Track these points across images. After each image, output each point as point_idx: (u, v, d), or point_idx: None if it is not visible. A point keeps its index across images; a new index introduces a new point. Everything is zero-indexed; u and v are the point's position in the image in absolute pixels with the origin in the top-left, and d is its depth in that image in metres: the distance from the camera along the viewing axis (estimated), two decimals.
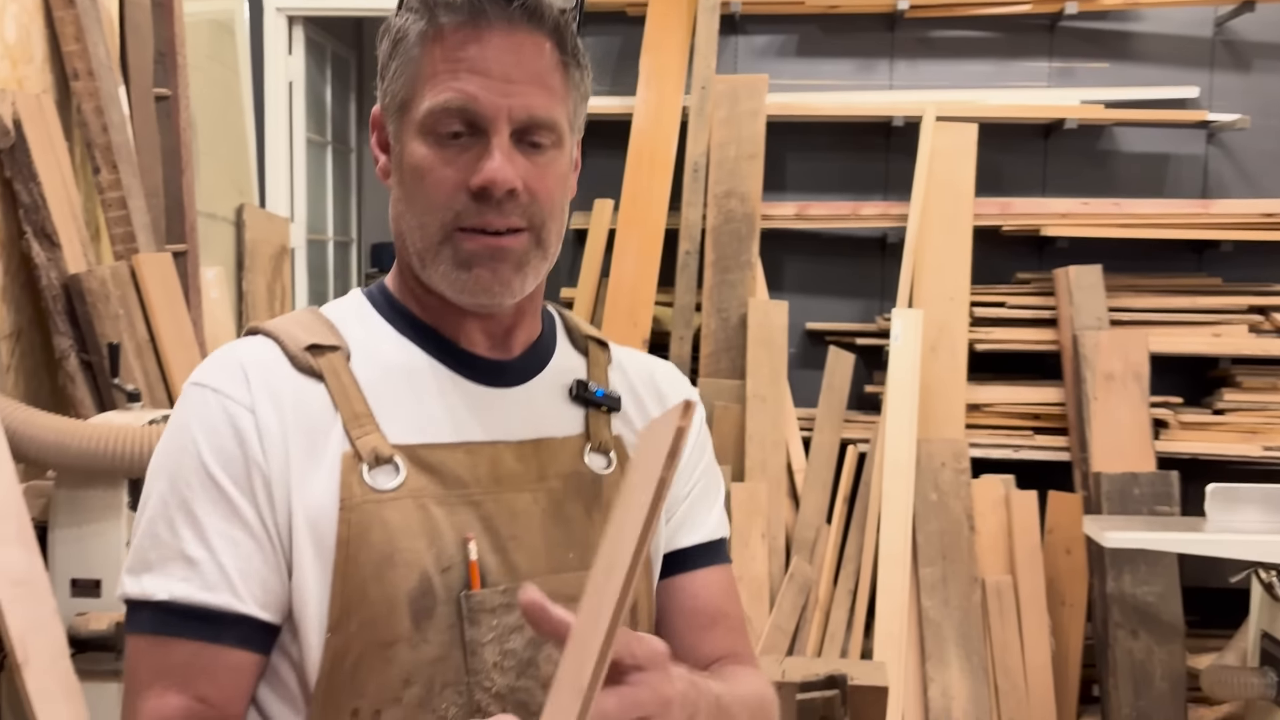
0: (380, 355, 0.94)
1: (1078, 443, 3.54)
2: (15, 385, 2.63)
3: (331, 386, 0.89)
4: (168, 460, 0.88)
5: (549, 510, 0.95)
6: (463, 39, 0.88)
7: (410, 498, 0.88)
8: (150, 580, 0.84)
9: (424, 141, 0.89)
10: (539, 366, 1.00)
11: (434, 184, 0.89)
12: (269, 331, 0.93)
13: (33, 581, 1.87)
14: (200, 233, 3.41)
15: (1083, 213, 3.70)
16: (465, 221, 0.89)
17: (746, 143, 3.67)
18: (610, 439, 1.00)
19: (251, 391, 0.88)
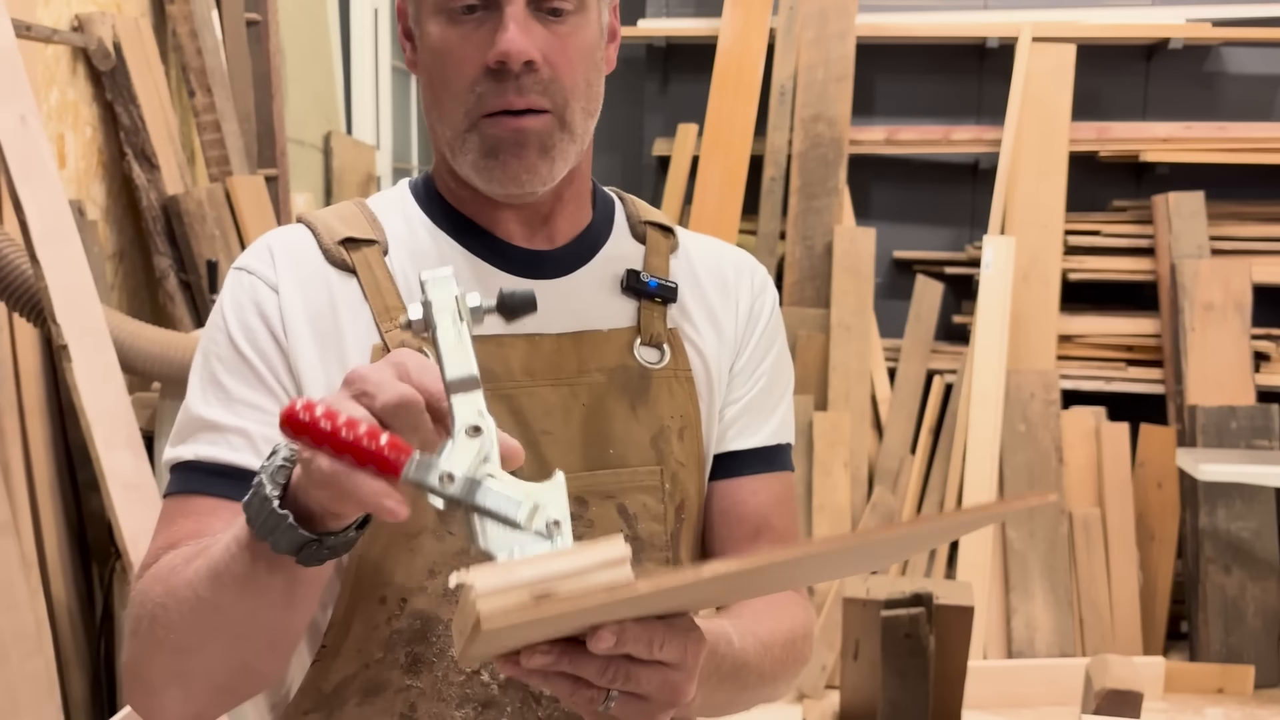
0: (416, 248, 0.92)
1: (1173, 375, 3.46)
2: (119, 304, 2.71)
3: (364, 280, 0.89)
4: (204, 339, 0.90)
5: (589, 405, 0.91)
6: None
7: None
8: (183, 447, 0.87)
9: (439, 20, 0.86)
10: (586, 257, 0.95)
11: (454, 65, 0.86)
12: (309, 222, 0.93)
13: (142, 486, 1.94)
14: (289, 158, 3.46)
15: (1185, 137, 3.56)
16: (488, 105, 0.85)
17: (835, 65, 3.59)
18: (664, 331, 0.95)
19: (277, 273, 0.89)
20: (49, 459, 2.25)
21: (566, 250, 0.95)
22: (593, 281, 0.95)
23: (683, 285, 0.97)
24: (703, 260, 1.00)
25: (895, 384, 3.60)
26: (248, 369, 0.86)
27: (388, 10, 4.47)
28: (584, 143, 0.90)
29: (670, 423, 0.94)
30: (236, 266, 0.91)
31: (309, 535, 0.69)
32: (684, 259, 1.00)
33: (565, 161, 0.89)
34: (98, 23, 2.58)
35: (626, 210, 1.01)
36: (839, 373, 3.51)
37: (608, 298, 0.95)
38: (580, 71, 0.87)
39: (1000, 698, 3.09)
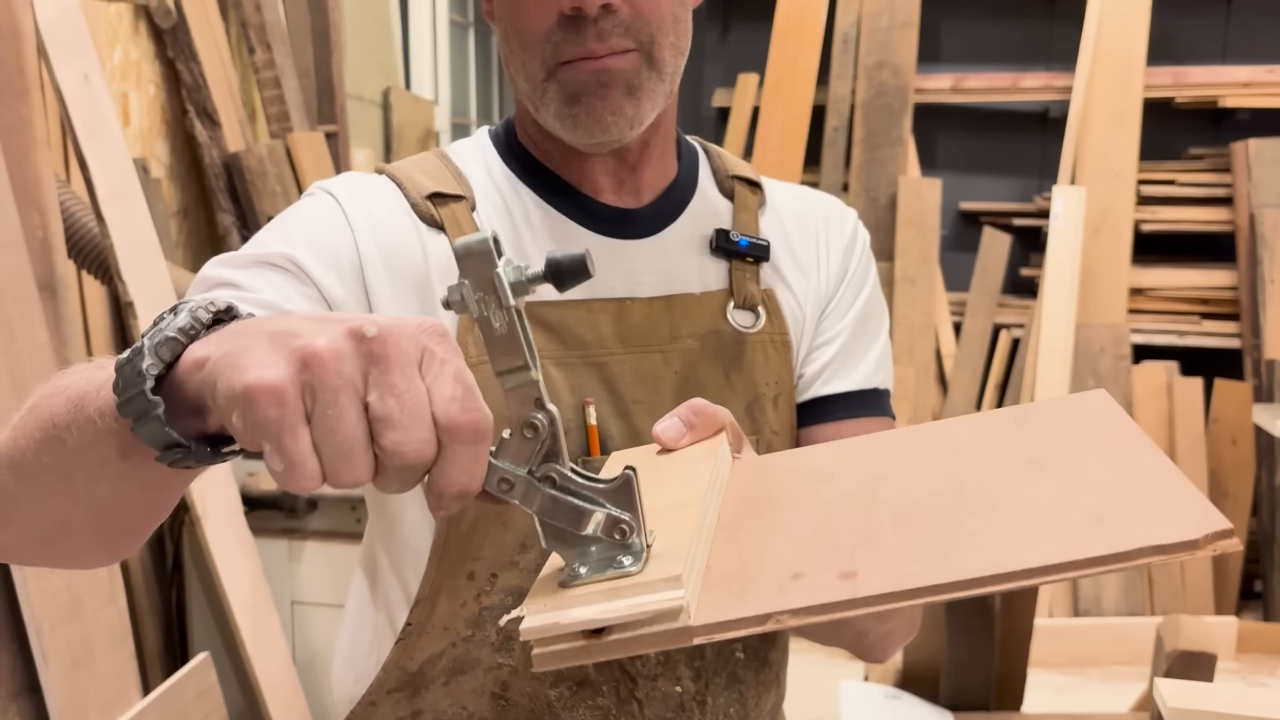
0: (504, 205, 0.87)
1: (1250, 329, 3.35)
2: (183, 261, 2.74)
3: (452, 237, 0.83)
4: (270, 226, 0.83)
5: (682, 372, 0.87)
6: None
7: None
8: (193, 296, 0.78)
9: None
10: (673, 214, 0.90)
11: (526, 15, 0.81)
12: (393, 174, 0.87)
13: None
14: (349, 115, 3.47)
15: (1268, 81, 3.42)
16: (565, 54, 0.80)
17: (900, 11, 3.50)
18: (758, 293, 0.90)
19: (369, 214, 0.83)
20: None
21: (654, 207, 0.90)
22: (681, 240, 0.90)
23: (774, 241, 0.93)
24: (790, 211, 0.96)
25: (960, 339, 3.53)
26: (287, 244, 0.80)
27: None
28: (674, 83, 0.85)
29: (765, 390, 0.90)
30: (323, 188, 0.85)
31: (178, 438, 0.53)
32: (771, 213, 0.95)
33: (654, 103, 0.83)
34: None
35: (712, 164, 0.96)
36: (903, 327, 3.45)
37: (698, 258, 0.90)
38: (665, 5, 0.82)
39: (1066, 655, 3.05)
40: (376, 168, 0.89)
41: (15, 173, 1.77)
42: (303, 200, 0.85)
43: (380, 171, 0.88)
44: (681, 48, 0.85)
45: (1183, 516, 0.50)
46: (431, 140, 4.36)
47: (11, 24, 1.82)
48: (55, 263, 1.82)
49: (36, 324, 1.71)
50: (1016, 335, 3.50)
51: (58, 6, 1.91)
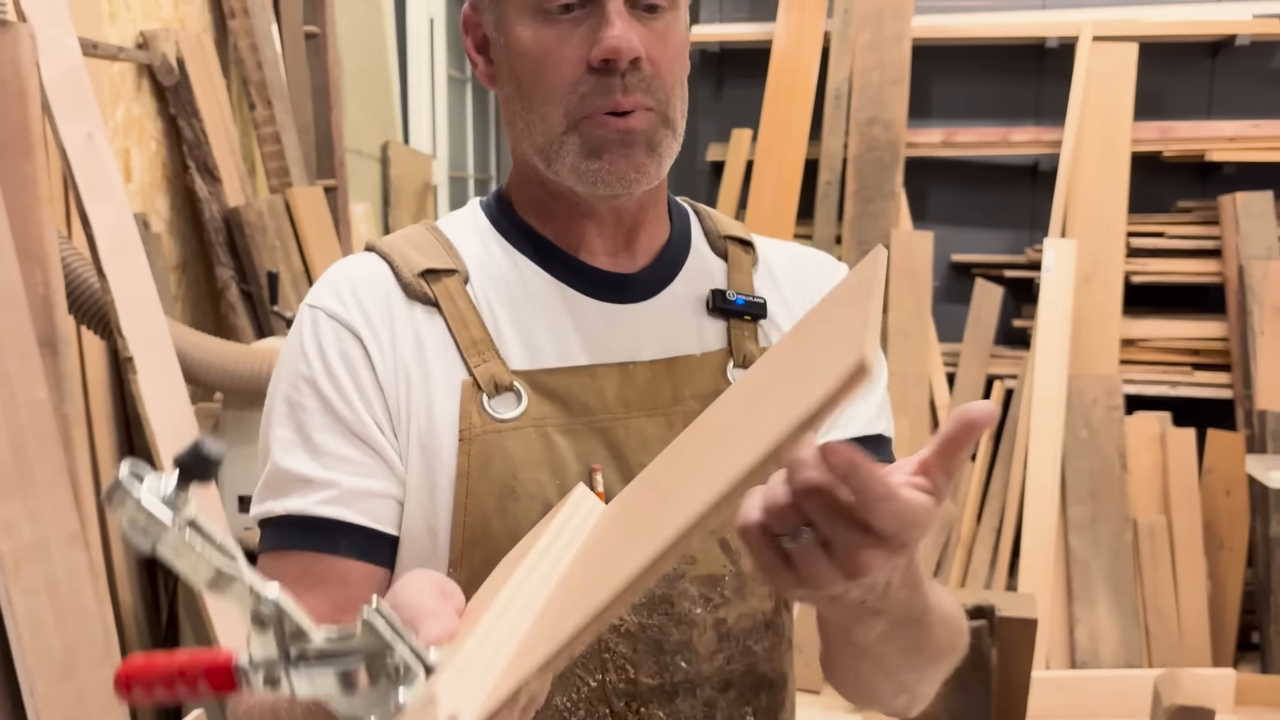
0: (498, 274, 0.88)
1: (1241, 379, 3.37)
2: (182, 314, 2.76)
3: (447, 313, 0.85)
4: (283, 385, 0.85)
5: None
6: None
7: (532, 426, 0.83)
8: (273, 503, 0.84)
9: (533, 21, 0.82)
10: (669, 276, 0.91)
11: (553, 66, 0.81)
12: (384, 252, 0.88)
13: (204, 495, 1.97)
14: (348, 169, 3.51)
15: (1253, 135, 3.48)
16: (591, 105, 0.81)
17: (891, 67, 3.56)
18: (756, 351, 0.91)
19: (364, 314, 0.84)
20: (115, 467, 2.29)
21: (650, 270, 0.91)
22: (679, 302, 0.91)
23: (769, 298, 0.93)
24: (783, 268, 0.97)
25: (954, 389, 3.55)
26: (335, 420, 0.83)
27: (444, 20, 4.51)
28: (680, 142, 0.87)
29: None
30: (313, 305, 0.86)
31: None
32: (765, 271, 0.96)
33: (669, 158, 0.86)
34: (162, 39, 2.63)
35: (704, 224, 0.97)
36: (897, 378, 3.47)
37: (696, 319, 0.91)
38: (678, 69, 0.85)
39: (1064, 709, 3.03)
40: (367, 244, 0.90)
41: (18, 230, 1.79)
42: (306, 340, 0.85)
43: (371, 248, 0.89)
44: (685, 110, 0.87)
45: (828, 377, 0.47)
46: (430, 193, 4.40)
47: (17, 83, 1.85)
48: (56, 319, 1.84)
49: (36, 380, 1.72)
50: (1010, 386, 3.52)
51: (63, 66, 1.94)
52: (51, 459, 1.72)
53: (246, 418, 2.22)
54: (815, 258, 0.99)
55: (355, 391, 0.83)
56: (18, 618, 1.57)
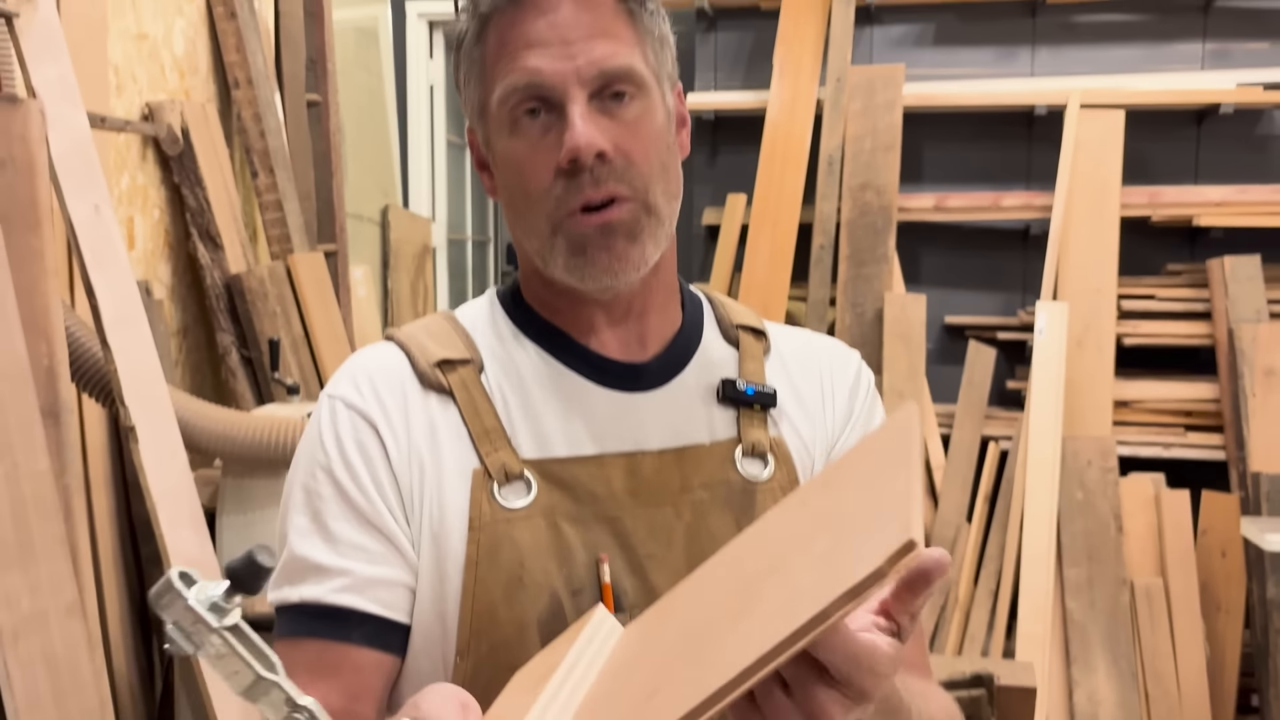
0: (512, 365, 0.90)
1: (1234, 441, 3.39)
2: (182, 380, 2.78)
3: (461, 403, 0.87)
4: (301, 473, 0.88)
5: (693, 525, 0.87)
6: (512, 17, 0.84)
7: (541, 516, 0.85)
8: (288, 589, 0.85)
9: (509, 134, 0.85)
10: (680, 365, 0.92)
11: (529, 174, 0.84)
12: (401, 342, 0.91)
13: (204, 563, 1.98)
14: (348, 233, 3.55)
15: (1239, 200, 3.53)
16: (567, 205, 0.83)
17: (883, 134, 3.62)
18: (767, 440, 0.91)
19: (380, 404, 0.87)
20: (113, 535, 2.30)
21: (661, 359, 0.92)
22: (689, 391, 0.92)
23: (780, 387, 0.94)
24: (795, 357, 0.98)
25: (949, 451, 3.57)
26: (350, 509, 0.85)
27: (443, 87, 4.59)
28: (670, 226, 0.88)
29: None
30: (331, 395, 0.89)
31: None
32: (777, 359, 0.97)
33: (655, 245, 0.87)
34: (167, 110, 2.68)
35: (717, 313, 0.98)
36: None
37: (706, 408, 0.92)
38: (654, 154, 0.86)
39: None
40: (386, 334, 0.93)
41: (24, 302, 1.82)
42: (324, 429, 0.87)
43: (390, 338, 0.92)
44: (674, 193, 0.88)
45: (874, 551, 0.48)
46: (429, 256, 4.45)
47: (26, 158, 1.89)
48: (59, 389, 1.86)
49: (39, 450, 1.74)
50: (1005, 447, 3.54)
51: (71, 140, 1.98)
52: (51, 529, 1.73)
53: (246, 485, 2.23)
54: (827, 344, 1.00)
55: (370, 480, 0.85)
56: (15, 691, 1.57)
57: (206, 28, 2.95)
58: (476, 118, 0.89)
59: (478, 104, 0.88)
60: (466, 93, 0.89)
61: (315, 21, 3.37)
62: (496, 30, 0.85)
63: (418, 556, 0.85)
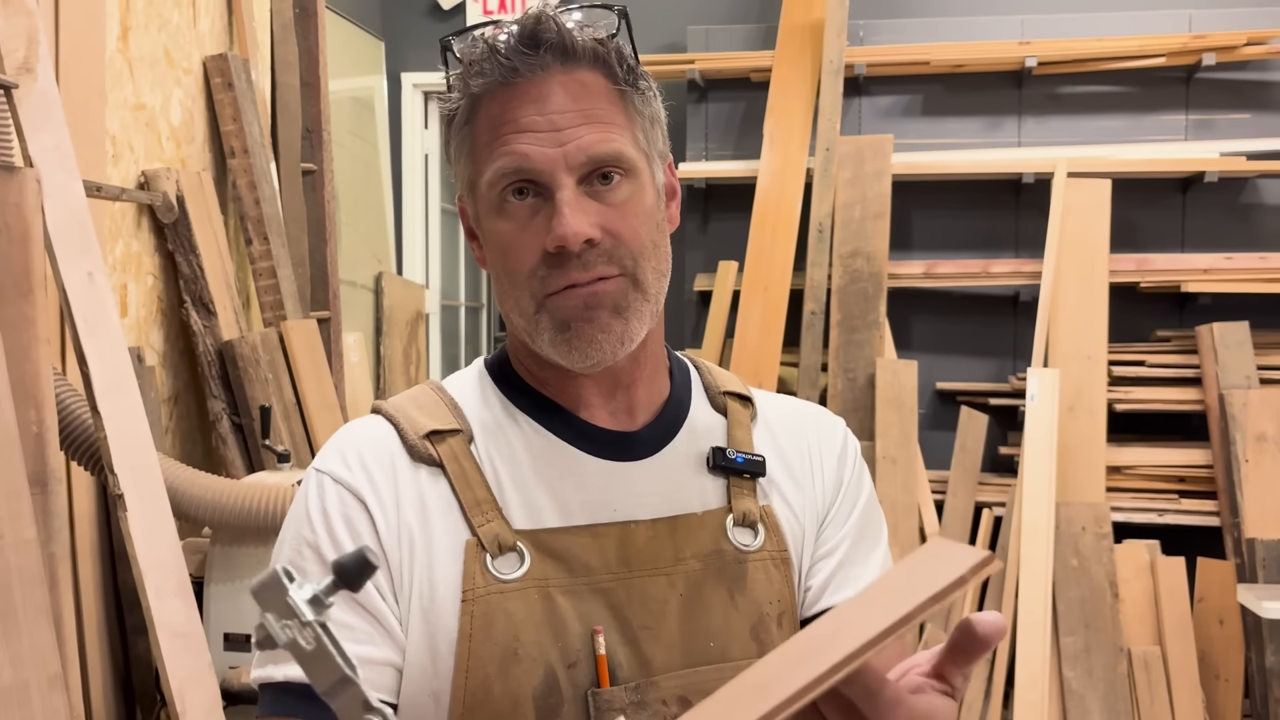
0: (502, 435, 0.89)
1: (1228, 507, 3.39)
2: (172, 446, 2.77)
3: (451, 474, 0.86)
4: (287, 548, 0.86)
5: (687, 595, 0.87)
6: (503, 100, 0.84)
7: (535, 587, 0.84)
8: (272, 667, 0.83)
9: (498, 215, 0.85)
10: (670, 433, 0.92)
11: (516, 254, 0.84)
12: (389, 414, 0.90)
13: (191, 634, 1.96)
14: (341, 299, 3.56)
15: (1226, 268, 3.57)
16: (552, 285, 0.83)
17: (872, 202, 3.66)
18: (756, 509, 0.91)
19: (369, 478, 0.85)
20: (99, 604, 2.27)
21: (651, 428, 0.92)
22: (680, 460, 0.91)
23: (768, 455, 0.94)
24: (782, 424, 0.98)
25: (943, 518, 3.56)
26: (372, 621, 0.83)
27: (437, 155, 4.64)
28: (658, 302, 0.88)
29: (769, 609, 0.90)
30: (320, 470, 0.88)
31: None
32: (764, 426, 0.97)
33: (641, 321, 0.86)
34: (163, 178, 2.70)
35: (703, 379, 0.98)
36: (886, 506, 3.47)
37: (696, 476, 0.91)
38: (644, 233, 0.86)
39: None
40: (374, 406, 0.92)
41: (15, 369, 1.81)
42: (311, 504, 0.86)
43: (378, 411, 0.91)
44: (663, 270, 0.88)
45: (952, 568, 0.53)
46: (421, 322, 4.46)
47: (21, 226, 1.89)
48: (48, 457, 1.85)
49: (25, 520, 1.72)
50: (998, 513, 3.53)
51: (67, 209, 1.99)
52: (36, 599, 1.70)
53: (235, 553, 2.21)
54: (813, 411, 1.01)
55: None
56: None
57: (204, 98, 2.98)
58: (467, 192, 0.90)
59: (467, 180, 0.89)
60: (457, 168, 0.90)
61: (311, 91, 3.42)
62: (487, 112, 0.85)
63: (406, 634, 0.84)
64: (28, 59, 1.96)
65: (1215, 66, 3.61)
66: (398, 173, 4.44)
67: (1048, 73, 3.75)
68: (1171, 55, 3.63)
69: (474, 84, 0.85)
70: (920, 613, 0.54)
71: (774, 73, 3.79)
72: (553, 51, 0.83)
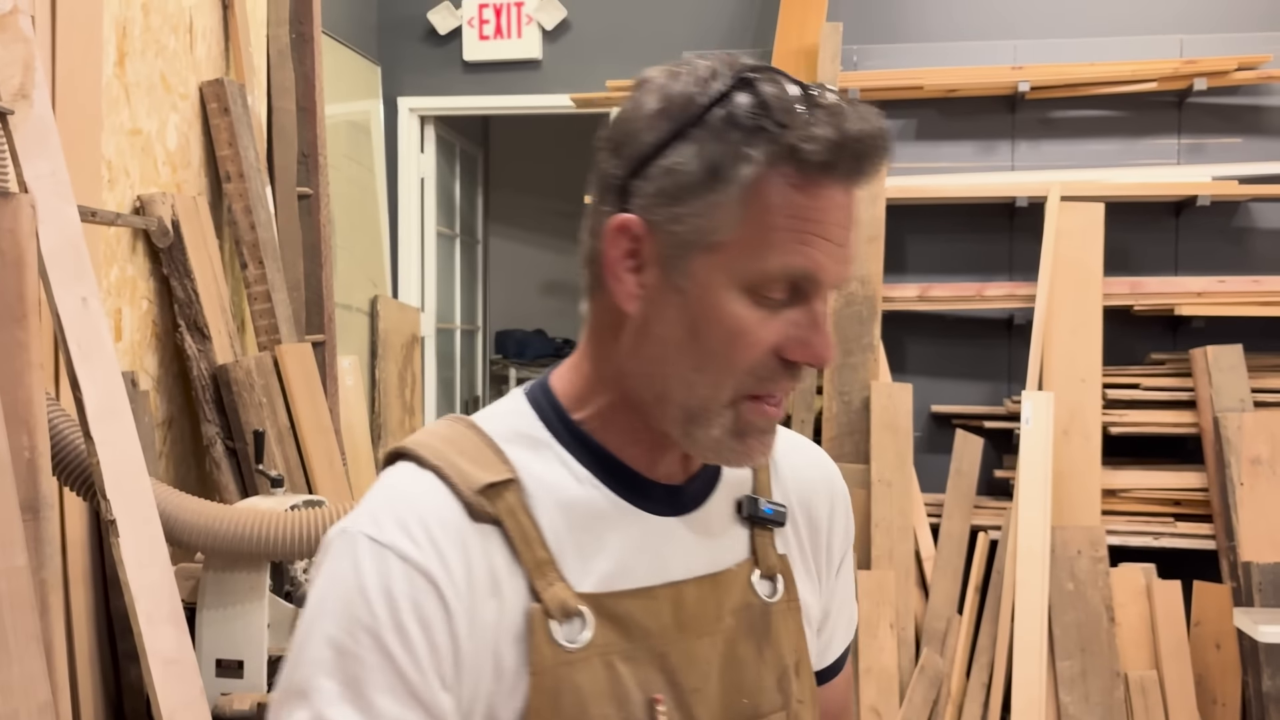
0: (555, 487, 0.81)
1: (1223, 530, 3.38)
2: (166, 471, 2.76)
3: (511, 532, 0.78)
4: (331, 625, 0.75)
5: (725, 653, 0.84)
6: (815, 191, 0.75)
7: (598, 655, 0.78)
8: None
9: (745, 299, 0.76)
10: (711, 484, 0.88)
11: (745, 346, 0.76)
12: (435, 466, 0.80)
13: (182, 661, 1.95)
14: (336, 323, 3.56)
15: (1219, 291, 3.58)
16: (759, 389, 0.78)
17: (866, 226, 3.67)
18: (775, 560, 0.89)
19: (440, 556, 0.76)
20: (90, 631, 2.26)
21: (695, 480, 0.87)
22: (718, 512, 0.87)
23: (786, 502, 0.92)
24: (790, 467, 0.95)
25: (939, 541, 3.55)
26: (399, 681, 0.74)
27: (434, 179, 4.65)
28: None
29: (789, 659, 0.88)
30: (378, 541, 0.76)
31: None
32: (777, 471, 0.94)
33: None
34: (158, 203, 2.71)
35: None
36: (881, 529, 3.47)
37: (730, 528, 0.88)
38: None
39: None
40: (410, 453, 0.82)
41: (7, 394, 1.81)
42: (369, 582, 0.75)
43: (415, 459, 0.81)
44: None
45: None
46: (416, 345, 4.45)
47: (15, 252, 1.90)
48: (40, 482, 1.84)
49: (16, 546, 1.72)
50: (994, 537, 3.52)
51: (62, 235, 2.00)
52: (26, 626, 1.70)
53: (227, 579, 2.20)
54: (817, 456, 0.98)
55: (426, 650, 0.75)
56: None
57: (200, 123, 2.99)
58: (690, 242, 0.77)
59: (708, 236, 0.76)
60: (689, 208, 0.76)
61: (308, 116, 3.43)
62: (797, 195, 0.75)
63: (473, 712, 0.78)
64: (24, 85, 1.97)
65: (1207, 91, 3.64)
66: (394, 196, 4.45)
67: (1041, 97, 3.77)
68: (1163, 80, 3.65)
69: (802, 157, 0.74)
70: None
71: None
72: (878, 167, 0.77)
